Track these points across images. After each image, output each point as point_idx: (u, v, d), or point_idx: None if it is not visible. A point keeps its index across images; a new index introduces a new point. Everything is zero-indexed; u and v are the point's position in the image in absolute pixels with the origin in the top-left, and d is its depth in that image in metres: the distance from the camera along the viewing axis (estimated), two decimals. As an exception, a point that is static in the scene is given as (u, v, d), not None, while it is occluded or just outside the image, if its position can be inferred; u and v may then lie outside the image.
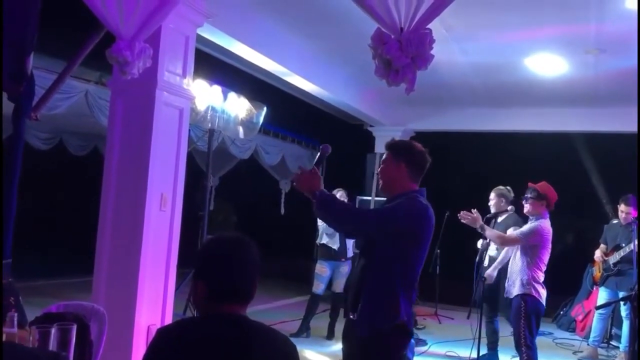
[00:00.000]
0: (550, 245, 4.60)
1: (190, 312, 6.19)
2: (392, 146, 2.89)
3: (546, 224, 4.57)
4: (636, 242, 5.49)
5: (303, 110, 8.57)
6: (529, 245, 4.55)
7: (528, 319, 4.47)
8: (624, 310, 5.74)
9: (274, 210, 10.44)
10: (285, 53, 5.82)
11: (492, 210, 5.47)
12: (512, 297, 4.62)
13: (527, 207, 4.65)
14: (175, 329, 1.75)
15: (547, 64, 6.11)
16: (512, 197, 5.55)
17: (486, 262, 5.39)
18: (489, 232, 4.75)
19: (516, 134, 8.72)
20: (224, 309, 1.67)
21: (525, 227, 4.67)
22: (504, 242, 4.87)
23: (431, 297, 8.09)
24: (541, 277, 4.56)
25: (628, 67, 5.87)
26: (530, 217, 4.67)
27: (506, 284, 4.77)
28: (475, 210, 4.73)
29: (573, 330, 7.57)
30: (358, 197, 8.66)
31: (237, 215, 12.25)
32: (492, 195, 5.56)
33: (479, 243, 5.54)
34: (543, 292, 4.53)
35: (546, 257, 4.60)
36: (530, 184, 4.69)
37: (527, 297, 4.48)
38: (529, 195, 4.63)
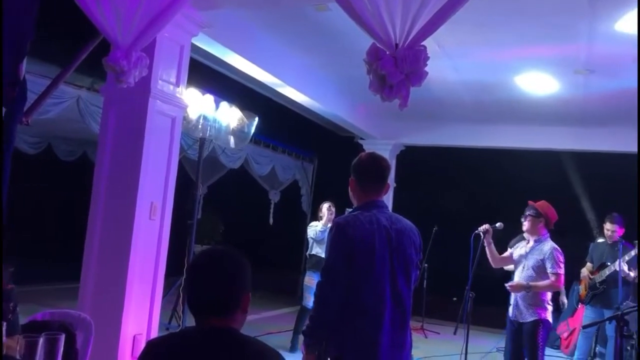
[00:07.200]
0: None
1: (176, 322, 6.14)
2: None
3: (552, 244, 4.52)
4: (621, 261, 5.53)
5: (294, 121, 8.58)
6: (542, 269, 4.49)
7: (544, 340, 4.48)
8: (609, 329, 5.76)
9: (262, 221, 10.42)
10: (278, 64, 5.84)
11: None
12: (526, 321, 4.49)
13: (525, 225, 4.65)
14: (165, 343, 1.74)
15: (537, 83, 6.18)
16: None
17: None
18: (540, 287, 4.50)
19: (505, 151, 8.79)
20: (212, 322, 1.66)
21: (550, 262, 4.46)
22: (554, 287, 4.59)
23: (418, 312, 8.09)
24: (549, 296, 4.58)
25: (616, 88, 5.97)
26: (530, 236, 4.61)
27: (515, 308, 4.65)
28: (513, 283, 4.61)
29: (558, 348, 7.59)
30: (347, 209, 8.66)
31: (224, 225, 12.20)
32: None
33: None
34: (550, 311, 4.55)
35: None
36: (530, 202, 4.65)
37: (543, 320, 4.44)
38: (527, 213, 4.61)
